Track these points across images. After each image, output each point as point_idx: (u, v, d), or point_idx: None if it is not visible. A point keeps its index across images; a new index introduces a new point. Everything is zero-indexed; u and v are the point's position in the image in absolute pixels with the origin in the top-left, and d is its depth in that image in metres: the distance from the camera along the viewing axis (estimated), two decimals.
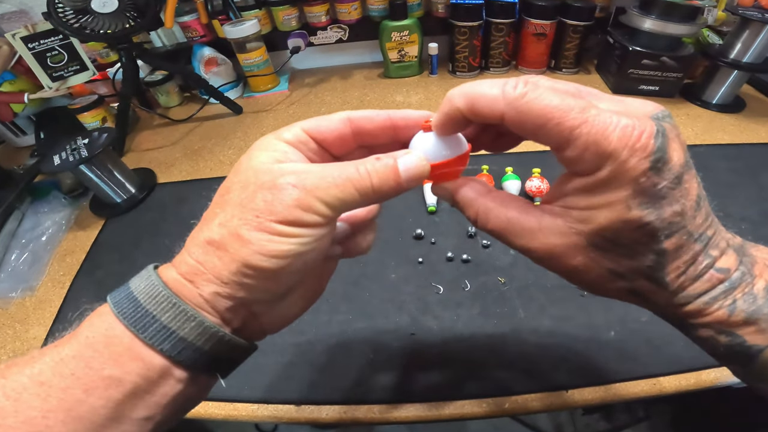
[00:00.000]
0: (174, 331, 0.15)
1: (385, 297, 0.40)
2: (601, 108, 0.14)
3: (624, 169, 0.13)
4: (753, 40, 0.57)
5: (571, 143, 0.14)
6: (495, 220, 0.17)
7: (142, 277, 0.16)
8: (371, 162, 0.16)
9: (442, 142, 0.17)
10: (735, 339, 0.15)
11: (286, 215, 0.15)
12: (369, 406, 0.34)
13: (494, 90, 0.15)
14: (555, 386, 0.33)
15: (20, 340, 0.42)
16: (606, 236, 0.14)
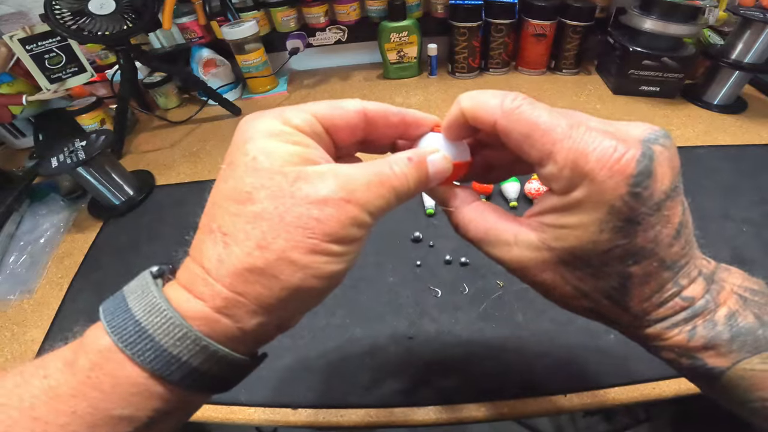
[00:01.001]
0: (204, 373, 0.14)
1: (382, 300, 0.40)
2: (591, 127, 0.14)
3: (599, 191, 0.13)
4: (755, 40, 0.56)
5: (550, 159, 0.14)
6: (474, 230, 0.17)
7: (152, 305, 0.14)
8: (404, 162, 0.16)
9: (449, 145, 0.18)
10: (696, 362, 0.15)
11: (342, 234, 0.14)
12: (366, 410, 0.34)
13: (495, 99, 0.15)
14: (554, 390, 0.33)
15: (18, 342, 0.43)
16: (576, 255, 0.15)
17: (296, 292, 0.14)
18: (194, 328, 0.13)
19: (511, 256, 0.16)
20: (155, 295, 0.14)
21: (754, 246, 0.41)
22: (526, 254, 0.16)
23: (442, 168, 0.17)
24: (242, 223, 0.13)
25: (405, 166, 0.16)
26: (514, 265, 0.16)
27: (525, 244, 0.16)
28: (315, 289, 0.14)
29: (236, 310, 0.14)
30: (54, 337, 0.42)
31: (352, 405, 0.34)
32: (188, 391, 0.14)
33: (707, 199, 0.46)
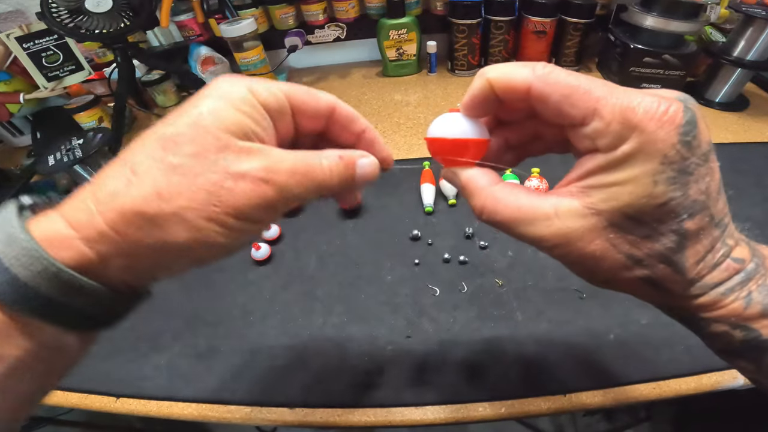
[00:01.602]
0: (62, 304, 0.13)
1: (380, 299, 0.40)
2: (627, 89, 0.14)
3: (651, 141, 0.13)
4: (757, 37, 0.56)
5: (596, 115, 0.13)
6: (504, 210, 0.16)
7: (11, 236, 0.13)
8: (334, 160, 0.16)
9: (466, 122, 0.17)
10: (750, 333, 0.14)
11: (246, 212, 0.14)
12: (364, 410, 0.33)
13: (525, 68, 0.15)
14: (553, 390, 0.32)
15: None
16: (628, 214, 0.14)
17: (175, 251, 0.14)
18: (54, 257, 0.13)
19: (553, 230, 0.15)
20: (14, 226, 0.13)
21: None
22: (570, 224, 0.15)
23: (370, 173, 0.17)
24: (156, 169, 0.13)
25: (334, 162, 0.16)
26: (558, 240, 0.15)
27: (568, 213, 0.15)
28: (194, 253, 0.14)
29: (107, 246, 0.13)
30: None
31: (350, 404, 0.33)
32: (52, 327, 0.14)
33: None
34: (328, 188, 0.16)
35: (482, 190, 0.17)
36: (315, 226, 0.47)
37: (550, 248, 0.15)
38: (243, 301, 0.41)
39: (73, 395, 0.38)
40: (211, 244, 0.14)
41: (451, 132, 0.17)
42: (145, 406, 0.36)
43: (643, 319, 0.36)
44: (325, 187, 0.16)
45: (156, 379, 0.37)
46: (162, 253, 0.14)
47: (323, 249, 0.45)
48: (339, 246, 0.45)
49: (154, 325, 0.41)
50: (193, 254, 0.14)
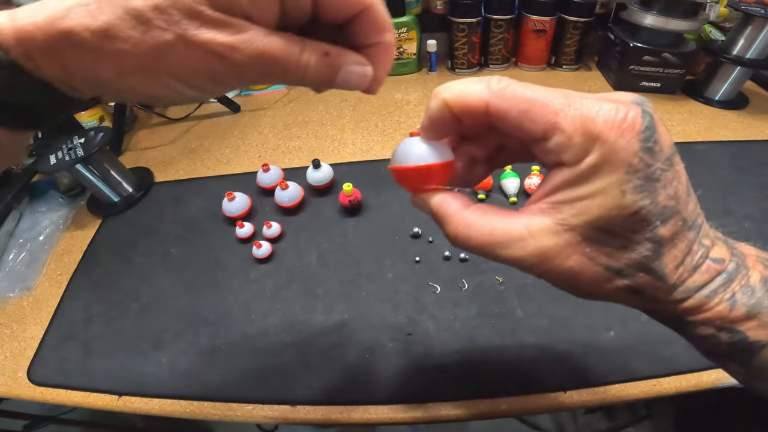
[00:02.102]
0: None
1: (381, 297, 0.40)
2: (584, 96, 0.14)
3: (613, 151, 0.13)
4: (756, 36, 0.56)
5: (556, 129, 0.13)
6: (477, 235, 0.16)
7: None
8: (317, 56, 0.15)
9: (427, 147, 0.17)
10: (736, 335, 0.14)
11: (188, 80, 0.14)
12: (365, 407, 0.33)
13: (479, 84, 0.15)
14: (553, 387, 0.33)
15: (17, 339, 0.42)
16: (600, 227, 0.14)
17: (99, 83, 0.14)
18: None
19: (529, 250, 0.15)
20: None
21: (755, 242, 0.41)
22: (545, 243, 0.14)
23: (355, 83, 0.16)
24: (118, 6, 0.13)
25: (315, 59, 0.15)
26: (535, 260, 0.15)
27: (541, 231, 0.14)
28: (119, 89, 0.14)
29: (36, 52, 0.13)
30: (53, 335, 0.42)
31: (352, 402, 0.34)
32: None
33: (708, 195, 0.46)
34: (296, 81, 0.15)
35: (453, 216, 0.16)
36: (316, 224, 0.47)
37: (528, 268, 0.15)
38: (244, 299, 0.42)
39: (76, 394, 0.38)
40: (137, 91, 0.14)
41: (413, 159, 0.17)
42: (147, 404, 0.36)
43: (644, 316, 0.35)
44: (293, 80, 0.15)
45: (158, 377, 0.37)
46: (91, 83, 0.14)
47: (324, 247, 0.45)
48: (340, 244, 0.45)
49: (156, 323, 0.41)
50: (118, 90, 0.14)
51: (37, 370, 0.39)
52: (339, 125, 0.62)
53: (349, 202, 0.46)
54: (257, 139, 0.61)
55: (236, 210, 0.47)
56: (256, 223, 0.47)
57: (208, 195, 0.52)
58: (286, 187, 0.46)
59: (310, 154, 0.57)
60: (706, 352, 0.16)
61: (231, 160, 0.58)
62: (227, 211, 0.47)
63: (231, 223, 0.47)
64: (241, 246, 0.46)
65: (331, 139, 0.59)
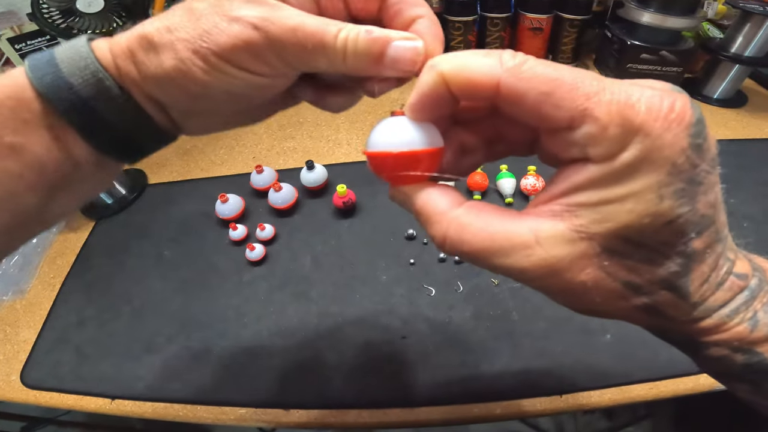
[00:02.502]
0: (90, 107, 0.14)
1: (375, 299, 0.40)
2: (617, 81, 0.11)
3: (657, 147, 0.11)
4: (754, 33, 0.55)
5: (586, 117, 0.11)
6: (473, 239, 0.13)
7: (71, 44, 0.15)
8: (356, 32, 0.14)
9: (413, 128, 0.14)
10: (753, 357, 0.13)
11: (229, 52, 0.14)
12: (359, 411, 0.33)
13: (489, 58, 0.12)
14: (549, 391, 0.32)
15: (11, 342, 0.42)
16: (626, 237, 0.12)
17: (164, 75, 0.14)
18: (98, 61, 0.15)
19: (534, 260, 0.12)
20: (79, 40, 0.15)
21: (755, 242, 0.41)
22: (555, 253, 0.12)
23: (408, 59, 0.14)
24: (180, 10, 0.15)
25: (356, 35, 0.14)
26: (540, 272, 0.12)
27: (552, 239, 0.12)
28: (180, 83, 0.15)
29: (122, 61, 0.15)
30: (46, 338, 0.42)
31: (346, 405, 0.33)
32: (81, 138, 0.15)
33: None
34: (336, 60, 0.14)
35: (443, 215, 0.14)
36: (310, 225, 0.47)
37: (530, 280, 0.13)
38: (237, 302, 0.41)
39: (69, 397, 0.38)
40: (192, 77, 0.14)
41: (396, 143, 0.14)
42: (141, 407, 0.36)
43: None
44: (333, 57, 0.14)
45: (151, 380, 0.37)
46: (157, 78, 0.15)
47: (318, 249, 0.44)
48: (334, 246, 0.44)
49: (149, 326, 0.41)
50: (181, 86, 0.15)
51: (31, 373, 0.39)
52: (334, 125, 0.61)
53: (343, 204, 0.45)
54: (252, 140, 0.61)
55: (229, 212, 0.46)
56: (250, 225, 0.46)
57: (202, 197, 0.51)
58: (279, 189, 0.46)
59: (305, 154, 0.57)
60: (714, 372, 0.15)
61: (225, 161, 0.58)
62: (220, 213, 0.46)
63: (224, 225, 0.47)
64: (235, 248, 0.46)
65: (326, 139, 0.59)
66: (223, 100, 0.16)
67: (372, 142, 0.15)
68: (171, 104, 0.16)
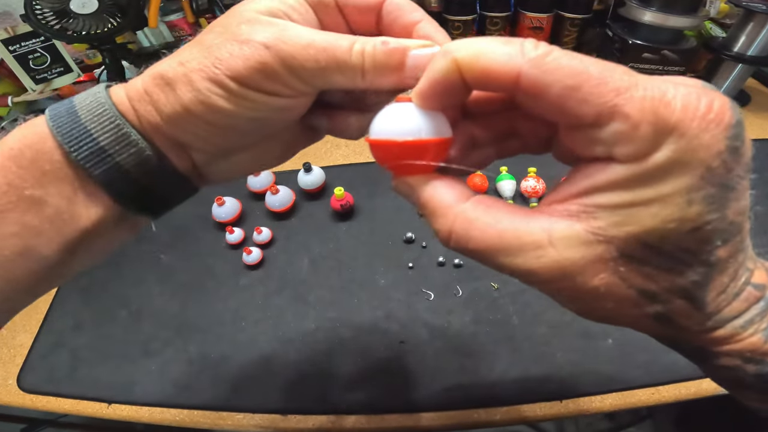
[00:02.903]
0: (110, 155, 0.14)
1: (373, 304, 0.39)
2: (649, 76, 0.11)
3: (693, 148, 0.10)
4: (757, 32, 0.55)
5: (615, 114, 0.10)
6: (480, 237, 0.12)
7: (90, 92, 0.15)
8: (372, 45, 0.14)
9: (420, 117, 0.13)
10: (765, 367, 0.13)
11: (244, 75, 0.13)
12: (357, 416, 0.33)
13: (510, 46, 0.11)
14: (549, 396, 0.32)
15: (7, 346, 0.42)
16: (647, 242, 0.11)
17: (184, 111, 0.14)
18: (116, 108, 0.14)
19: (546, 262, 0.12)
20: (98, 87, 0.15)
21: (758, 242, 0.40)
22: (568, 255, 0.11)
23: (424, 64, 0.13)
24: (191, 45, 0.15)
25: (373, 48, 0.14)
26: (551, 275, 0.12)
27: (566, 240, 0.11)
28: (202, 117, 0.14)
29: (140, 104, 0.15)
30: (43, 341, 0.41)
31: (344, 411, 0.33)
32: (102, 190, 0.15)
33: None
34: (352, 72, 0.14)
35: (448, 209, 0.13)
36: (307, 229, 0.46)
37: (539, 282, 0.12)
38: (235, 306, 0.41)
39: (66, 401, 0.38)
40: (213, 107, 0.14)
41: (401, 131, 0.13)
42: (137, 412, 0.36)
43: None
44: (348, 70, 0.14)
45: (147, 385, 0.37)
46: (177, 116, 0.14)
47: (315, 252, 0.44)
48: (332, 249, 0.44)
49: (145, 330, 0.40)
50: (203, 119, 0.14)
51: (27, 377, 0.39)
52: None
53: (341, 207, 0.45)
54: None
55: (226, 215, 0.46)
56: (247, 228, 0.46)
57: (198, 199, 0.50)
58: (276, 192, 0.45)
59: (303, 156, 0.56)
60: (723, 380, 0.15)
61: None
62: (217, 216, 0.46)
63: (221, 228, 0.47)
64: (232, 252, 0.45)
65: (324, 140, 0.58)
66: (247, 130, 0.15)
67: (375, 128, 0.14)
68: (195, 144, 0.15)
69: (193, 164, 0.16)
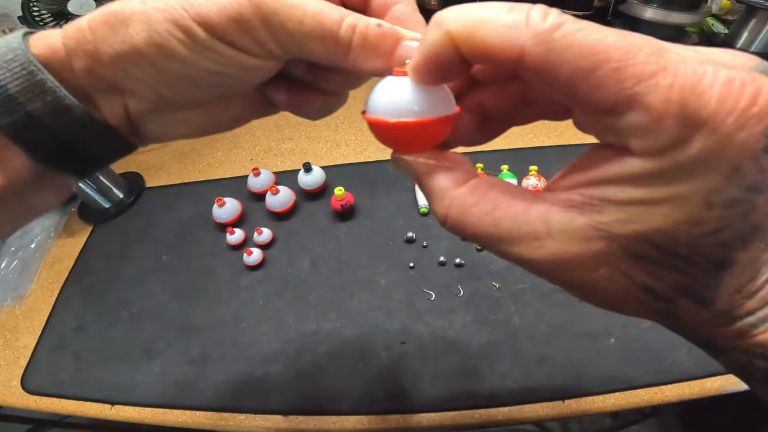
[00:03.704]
0: (20, 104, 0.12)
1: (374, 304, 0.39)
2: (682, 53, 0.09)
3: (723, 147, 0.09)
4: (760, 28, 0.54)
5: (635, 103, 0.09)
6: (476, 223, 0.12)
7: (5, 39, 0.13)
8: (366, 23, 0.13)
9: (420, 93, 0.12)
10: None
11: (214, 23, 0.12)
12: (358, 417, 0.33)
13: (513, 14, 0.10)
14: (551, 396, 0.32)
15: (11, 348, 0.42)
16: (655, 242, 0.10)
17: (132, 52, 0.12)
18: (30, 51, 0.13)
19: (543, 254, 0.11)
20: (14, 34, 0.13)
21: None
22: (568, 249, 0.11)
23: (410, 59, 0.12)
24: None
25: (366, 27, 0.13)
26: (549, 266, 0.11)
27: (567, 234, 0.11)
28: (153, 61, 0.13)
29: (78, 45, 0.13)
30: (46, 343, 0.42)
31: (345, 412, 0.33)
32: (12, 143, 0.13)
33: None
34: (335, 45, 0.13)
35: (445, 192, 0.12)
36: (308, 229, 0.46)
37: (538, 271, 0.12)
38: (236, 307, 0.41)
39: (69, 403, 0.38)
40: (169, 51, 0.12)
41: (398, 110, 0.12)
42: (140, 413, 0.36)
43: (646, 322, 0.35)
44: (331, 42, 0.13)
45: (149, 386, 0.37)
46: (122, 58, 0.13)
47: (316, 253, 0.44)
48: (332, 250, 0.44)
49: (148, 331, 0.41)
50: (154, 64, 0.13)
51: (31, 379, 0.39)
52: (332, 125, 0.61)
53: (341, 207, 0.45)
54: (249, 142, 0.60)
55: (226, 216, 0.46)
56: (247, 229, 0.46)
57: (199, 200, 0.51)
58: (276, 192, 0.45)
59: (303, 156, 0.56)
60: (737, 373, 0.14)
61: (222, 163, 0.58)
62: (217, 217, 0.46)
63: (222, 229, 0.47)
64: (232, 253, 0.45)
65: (324, 140, 0.58)
66: (201, 84, 0.14)
67: (372, 105, 0.13)
68: (137, 90, 0.13)
69: (127, 115, 0.14)
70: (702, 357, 0.15)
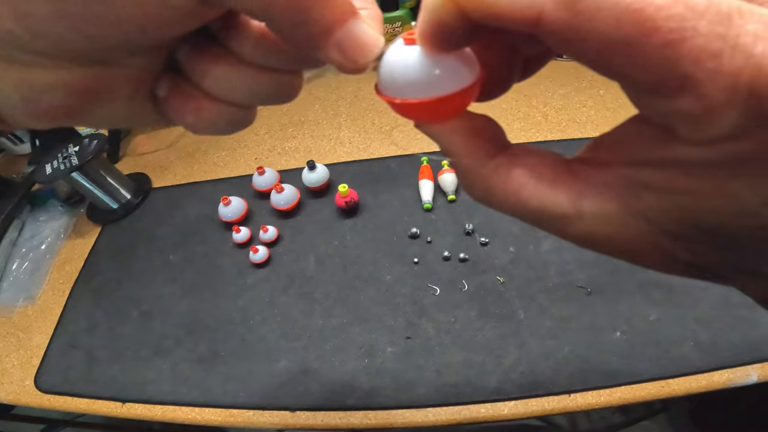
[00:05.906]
0: None
1: (379, 300, 0.39)
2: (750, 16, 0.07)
3: None
4: None
5: (687, 87, 0.07)
6: (503, 202, 0.11)
7: None
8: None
9: (432, 65, 0.10)
10: None
11: None
12: (365, 412, 0.33)
13: None
14: (557, 390, 0.32)
15: (24, 348, 0.43)
16: (699, 227, 0.09)
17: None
18: None
19: (573, 232, 0.11)
20: None
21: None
22: (601, 230, 0.10)
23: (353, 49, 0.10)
24: None
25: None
26: (579, 241, 0.11)
27: (599, 217, 0.10)
28: None
29: None
30: (58, 343, 0.42)
31: (351, 407, 0.33)
32: None
33: None
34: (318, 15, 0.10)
35: (467, 171, 0.11)
36: (312, 226, 0.47)
37: (573, 242, 0.11)
38: (243, 304, 0.41)
39: (81, 401, 0.38)
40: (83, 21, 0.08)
41: (412, 87, 0.10)
42: (151, 410, 0.37)
43: (652, 315, 0.34)
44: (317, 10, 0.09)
45: (160, 383, 0.38)
46: None
47: (321, 250, 0.44)
48: (337, 246, 0.44)
49: (157, 330, 0.41)
50: None
51: (44, 378, 0.40)
52: (335, 124, 0.61)
53: (346, 204, 0.45)
54: (253, 141, 0.61)
55: (232, 214, 0.46)
56: (253, 227, 0.46)
57: (205, 200, 0.51)
58: (281, 190, 0.46)
59: (307, 154, 0.57)
60: None
61: (227, 163, 0.58)
62: (223, 215, 0.46)
63: (228, 227, 0.47)
64: (238, 251, 0.46)
65: (328, 138, 0.59)
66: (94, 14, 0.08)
67: (384, 80, 0.11)
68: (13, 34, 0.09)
69: None
70: (709, 350, 0.15)
